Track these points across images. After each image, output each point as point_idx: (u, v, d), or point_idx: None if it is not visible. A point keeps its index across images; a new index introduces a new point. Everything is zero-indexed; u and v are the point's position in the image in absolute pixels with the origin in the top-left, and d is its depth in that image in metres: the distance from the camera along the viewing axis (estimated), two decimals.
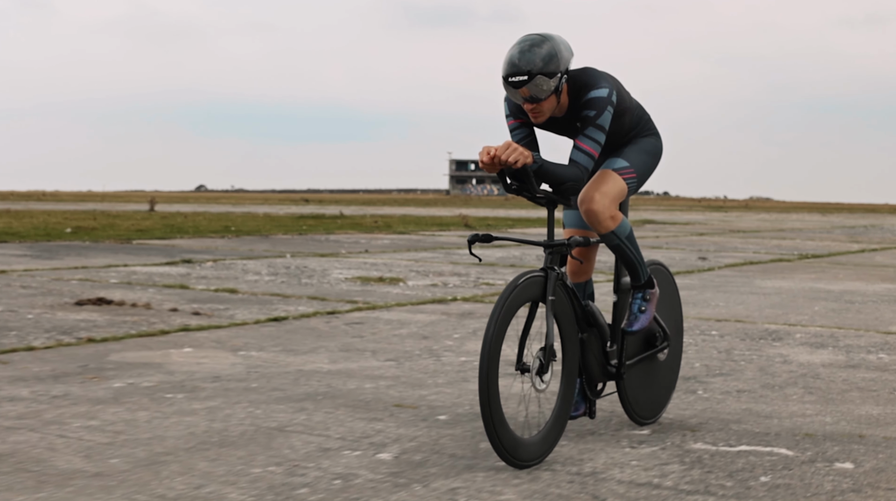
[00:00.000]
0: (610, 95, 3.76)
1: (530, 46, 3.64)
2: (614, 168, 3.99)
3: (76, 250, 14.21)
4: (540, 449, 3.63)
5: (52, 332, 6.42)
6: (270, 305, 8.10)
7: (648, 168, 4.08)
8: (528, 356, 3.66)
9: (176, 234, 18.93)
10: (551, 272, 3.70)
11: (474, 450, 3.83)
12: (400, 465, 3.61)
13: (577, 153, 3.72)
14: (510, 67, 3.64)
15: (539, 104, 3.71)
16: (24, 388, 4.74)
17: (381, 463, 3.62)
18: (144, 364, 5.41)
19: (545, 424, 3.75)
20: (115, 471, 3.46)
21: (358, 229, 22.61)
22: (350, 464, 3.60)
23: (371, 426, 4.17)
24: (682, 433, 4.19)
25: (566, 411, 3.80)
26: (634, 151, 4.05)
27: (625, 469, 3.62)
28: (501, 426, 3.48)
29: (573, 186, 3.72)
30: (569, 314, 3.81)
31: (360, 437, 3.98)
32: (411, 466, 3.60)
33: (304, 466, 3.57)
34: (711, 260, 14.63)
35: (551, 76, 3.64)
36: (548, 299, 3.67)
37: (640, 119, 4.09)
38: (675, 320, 4.53)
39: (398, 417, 4.33)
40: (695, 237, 22.56)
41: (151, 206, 37.34)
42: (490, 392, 3.44)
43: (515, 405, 4.40)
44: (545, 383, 3.67)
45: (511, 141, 3.61)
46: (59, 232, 18.71)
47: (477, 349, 6.06)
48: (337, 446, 3.84)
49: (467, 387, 4.99)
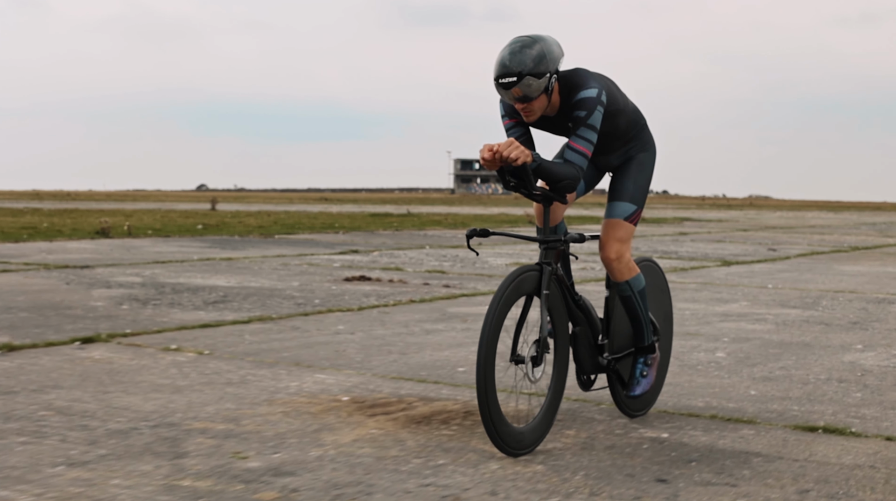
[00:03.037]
0: (599, 95, 3.83)
1: (521, 48, 3.72)
2: (625, 217, 4.13)
3: (244, 243, 16.65)
4: (532, 438, 3.77)
5: (371, 297, 8.85)
6: (491, 280, 10.55)
7: (647, 191, 4.23)
8: (523, 348, 3.80)
9: (295, 230, 21.36)
10: (546, 268, 3.83)
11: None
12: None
13: (571, 153, 3.82)
14: (501, 68, 3.73)
15: (530, 104, 3.80)
16: (416, 324, 7.19)
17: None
18: (478, 314, 7.85)
19: (537, 413, 3.89)
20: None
21: (442, 226, 25.10)
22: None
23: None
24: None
25: (557, 401, 3.93)
26: (635, 183, 4.18)
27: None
28: (498, 416, 3.61)
29: (569, 184, 3.82)
30: (562, 309, 3.94)
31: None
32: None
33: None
34: (780, 251, 17.09)
35: (541, 77, 3.72)
36: (542, 294, 3.80)
37: (635, 125, 4.16)
38: (665, 315, 4.65)
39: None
40: (740, 233, 25.02)
41: (213, 205, 39.75)
42: (487, 383, 3.55)
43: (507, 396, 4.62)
44: (539, 374, 3.79)
45: (513, 139, 3.71)
46: (192, 228, 21.16)
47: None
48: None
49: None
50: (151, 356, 5.71)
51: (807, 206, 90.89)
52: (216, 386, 4.90)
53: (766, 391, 5.05)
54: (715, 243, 19.21)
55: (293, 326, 7.01)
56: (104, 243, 16.08)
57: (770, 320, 7.81)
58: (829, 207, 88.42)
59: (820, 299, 9.47)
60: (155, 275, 10.51)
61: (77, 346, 5.96)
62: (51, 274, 10.42)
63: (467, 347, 6.21)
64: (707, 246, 18.30)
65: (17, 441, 3.81)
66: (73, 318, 7.18)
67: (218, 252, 14.20)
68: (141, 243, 16.19)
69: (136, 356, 5.69)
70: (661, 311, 4.60)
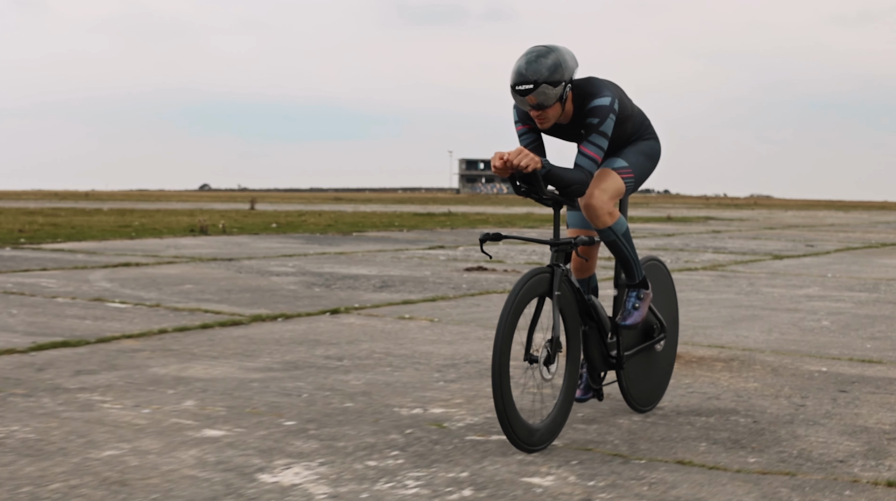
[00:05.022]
0: (612, 104, 3.97)
1: (536, 57, 3.85)
2: (613, 167, 4.22)
3: (333, 240, 18.34)
4: (547, 434, 3.87)
5: (504, 283, 10.53)
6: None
7: (646, 170, 4.31)
8: (536, 348, 3.89)
9: (361, 229, 23.04)
10: (557, 269, 3.94)
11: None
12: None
13: (582, 158, 3.94)
14: (517, 76, 3.86)
15: (545, 111, 3.93)
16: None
17: None
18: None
19: (551, 411, 3.98)
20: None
21: (491, 224, 26.83)
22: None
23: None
24: None
25: (570, 398, 4.03)
26: (633, 152, 4.29)
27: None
28: (513, 412, 3.71)
29: (578, 188, 3.93)
30: (573, 309, 4.04)
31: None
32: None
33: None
34: (817, 247, 18.78)
35: (556, 85, 3.85)
36: (554, 295, 3.90)
37: (640, 125, 4.32)
38: (671, 312, 4.78)
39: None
40: (768, 230, 26.74)
41: (252, 205, 41.45)
42: (502, 381, 3.65)
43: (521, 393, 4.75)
44: (552, 373, 3.88)
45: (522, 147, 3.81)
46: (268, 227, 22.85)
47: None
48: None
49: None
50: (397, 322, 7.39)
51: (814, 205, 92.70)
52: (472, 340, 6.58)
53: (876, 345, 6.75)
54: (753, 240, 20.90)
55: (473, 303, 8.70)
56: (209, 239, 17.76)
57: (847, 300, 9.50)
58: (836, 206, 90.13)
59: (877, 284, 11.14)
60: (300, 266, 12.20)
61: (329, 316, 7.66)
62: (209, 265, 12.10)
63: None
64: (747, 243, 19.99)
65: (395, 371, 5.49)
66: (284, 297, 8.84)
67: (318, 247, 15.89)
68: (241, 239, 17.87)
69: (384, 323, 7.36)
70: (668, 311, 4.75)
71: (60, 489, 3.30)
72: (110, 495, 3.25)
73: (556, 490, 3.38)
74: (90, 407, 4.47)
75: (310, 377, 5.24)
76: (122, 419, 4.28)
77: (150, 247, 15.35)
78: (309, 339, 6.53)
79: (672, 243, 19.35)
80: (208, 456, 3.72)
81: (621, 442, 4.04)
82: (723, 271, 12.67)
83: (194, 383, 5.05)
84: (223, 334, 6.69)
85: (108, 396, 4.71)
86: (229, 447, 3.85)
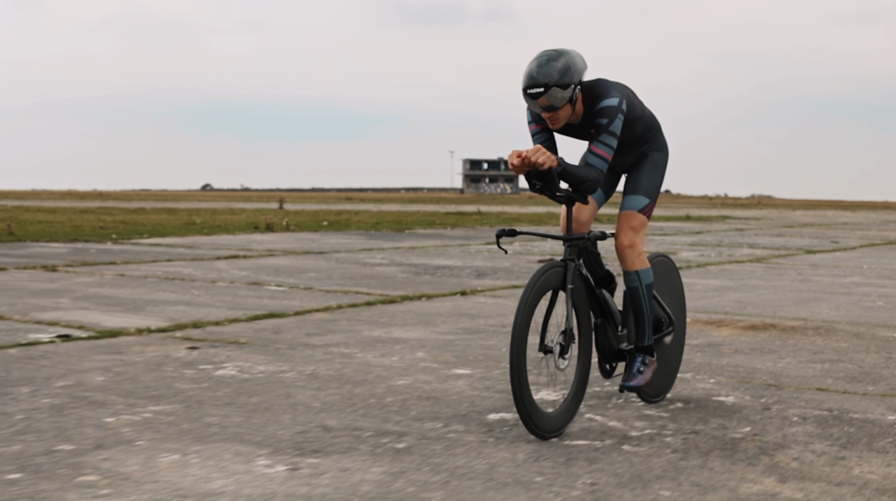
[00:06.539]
0: (620, 104, 4.09)
1: (547, 61, 3.97)
2: (639, 209, 4.40)
3: (391, 237, 19.67)
4: (561, 421, 4.04)
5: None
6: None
7: (659, 187, 4.49)
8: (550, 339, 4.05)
9: (408, 226, 24.35)
10: (570, 264, 4.09)
11: None
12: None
13: (593, 157, 4.07)
14: (529, 79, 3.98)
15: (555, 112, 4.06)
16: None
17: None
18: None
19: (565, 399, 4.15)
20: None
21: (523, 222, 28.19)
22: None
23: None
24: None
25: (583, 387, 4.19)
26: (648, 177, 4.45)
27: None
28: (530, 401, 3.88)
29: (590, 186, 4.08)
30: (585, 302, 4.18)
31: None
32: None
33: None
34: (842, 243, 20.11)
35: (566, 88, 3.97)
36: (567, 288, 4.05)
37: (651, 128, 4.43)
38: (679, 307, 4.91)
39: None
40: (787, 228, 28.06)
41: (280, 204, 42.81)
42: (520, 372, 3.81)
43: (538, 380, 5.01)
44: (566, 362, 4.03)
45: (540, 145, 3.96)
46: (319, 225, 24.19)
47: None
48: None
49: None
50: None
51: (818, 205, 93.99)
52: None
53: None
54: (778, 238, 22.22)
55: None
56: (278, 236, 19.10)
57: (890, 286, 10.85)
58: (840, 206, 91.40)
59: None
60: (390, 258, 13.54)
61: (460, 297, 9.00)
62: (307, 257, 13.44)
63: (729, 290, 9.26)
64: (774, 240, 21.32)
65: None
66: (403, 283, 10.16)
67: (384, 243, 17.24)
68: (307, 236, 19.20)
69: (512, 302, 8.68)
70: (677, 304, 4.89)
71: (396, 401, 4.65)
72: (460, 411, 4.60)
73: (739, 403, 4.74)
74: (350, 357, 5.81)
75: (494, 338, 6.58)
76: (383, 363, 5.62)
77: (233, 242, 16.67)
78: (463, 313, 7.87)
79: (705, 239, 20.69)
80: (476, 383, 5.08)
81: (769, 377, 5.41)
82: (767, 263, 13.99)
83: (408, 341, 6.39)
84: (390, 309, 8.04)
85: (353, 349, 6.06)
86: (481, 380, 5.20)
